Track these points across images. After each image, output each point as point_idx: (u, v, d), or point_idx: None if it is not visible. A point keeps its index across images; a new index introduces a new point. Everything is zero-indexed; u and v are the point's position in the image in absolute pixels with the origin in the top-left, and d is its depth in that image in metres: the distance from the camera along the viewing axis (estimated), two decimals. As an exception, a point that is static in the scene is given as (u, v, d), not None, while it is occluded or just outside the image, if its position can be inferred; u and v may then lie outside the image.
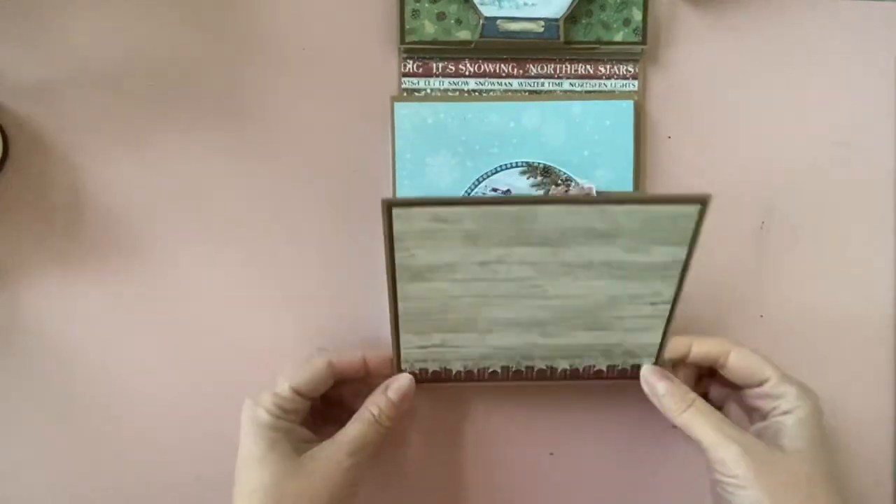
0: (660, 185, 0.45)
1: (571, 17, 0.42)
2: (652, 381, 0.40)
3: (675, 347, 0.41)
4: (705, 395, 0.42)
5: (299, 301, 0.45)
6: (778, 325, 0.46)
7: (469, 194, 0.43)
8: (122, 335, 0.45)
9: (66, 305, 0.44)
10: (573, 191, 0.43)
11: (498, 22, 0.42)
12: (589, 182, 0.43)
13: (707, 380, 0.43)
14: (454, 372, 0.41)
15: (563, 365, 0.41)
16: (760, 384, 0.40)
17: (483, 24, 0.42)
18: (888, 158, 0.46)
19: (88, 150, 0.44)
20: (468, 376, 0.41)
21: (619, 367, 0.41)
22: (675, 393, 0.39)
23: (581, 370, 0.41)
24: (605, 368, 0.41)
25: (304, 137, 0.45)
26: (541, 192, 0.43)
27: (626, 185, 0.44)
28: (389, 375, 0.41)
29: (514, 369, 0.41)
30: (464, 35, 0.43)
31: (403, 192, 0.43)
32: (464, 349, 0.40)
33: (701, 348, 0.40)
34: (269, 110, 0.44)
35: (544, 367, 0.41)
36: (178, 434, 0.45)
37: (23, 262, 0.44)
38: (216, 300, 0.45)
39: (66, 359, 0.45)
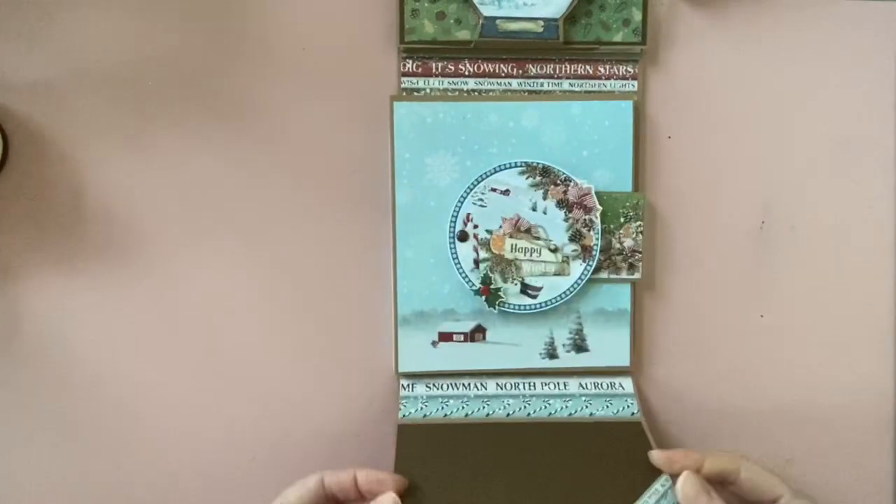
0: (660, 185, 0.45)
1: (571, 18, 0.42)
2: (691, 492, 0.38)
3: (687, 463, 0.40)
4: None
5: (299, 298, 0.45)
6: (778, 325, 0.46)
7: (468, 194, 0.43)
8: (121, 334, 0.45)
9: (66, 305, 0.44)
10: (571, 191, 0.43)
11: (497, 22, 0.42)
12: (588, 183, 0.43)
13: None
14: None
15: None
16: (774, 502, 0.39)
17: (482, 24, 0.42)
18: (888, 158, 0.46)
19: (88, 150, 0.44)
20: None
21: None
22: None
23: None
24: None
25: (304, 136, 0.45)
26: (539, 192, 0.43)
27: (625, 186, 0.44)
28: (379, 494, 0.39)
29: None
30: (463, 35, 0.43)
31: (403, 191, 0.44)
32: None
33: (713, 465, 0.40)
34: (269, 110, 0.44)
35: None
36: (179, 434, 0.45)
37: (23, 261, 0.44)
38: (215, 299, 0.45)
39: (66, 358, 0.45)
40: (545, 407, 0.45)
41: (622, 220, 0.43)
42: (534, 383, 0.45)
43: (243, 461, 0.46)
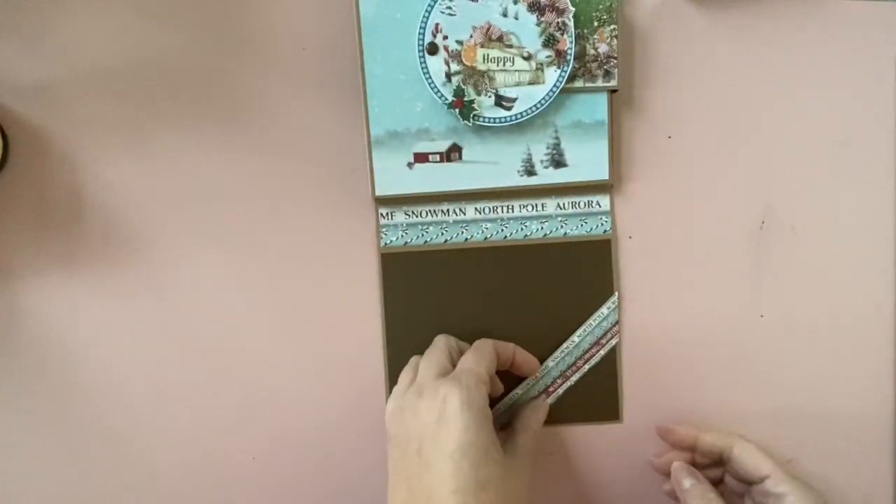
0: (660, 185, 0.45)
1: None
2: (679, 477, 0.42)
3: (681, 438, 0.44)
4: (721, 482, 0.45)
5: (299, 299, 0.45)
6: (778, 325, 0.46)
7: (436, 2, 0.41)
8: (122, 335, 0.45)
9: (66, 305, 0.44)
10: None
11: None
12: None
13: (725, 468, 0.45)
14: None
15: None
16: (762, 481, 0.41)
17: None
18: (888, 158, 0.45)
19: (88, 150, 0.43)
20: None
21: None
22: (697, 493, 0.41)
23: None
24: None
25: (304, 137, 0.44)
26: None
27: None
28: (528, 371, 0.45)
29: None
30: None
31: (367, 3, 0.41)
32: None
33: (706, 440, 0.43)
34: (269, 110, 0.44)
35: None
36: (178, 435, 0.46)
37: (23, 262, 0.44)
38: (215, 299, 0.45)
39: (67, 359, 0.45)
40: (522, 229, 0.45)
41: (595, 23, 0.42)
42: (512, 206, 0.45)
43: (244, 460, 0.47)
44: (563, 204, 0.45)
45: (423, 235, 0.45)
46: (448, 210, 0.45)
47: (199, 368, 0.46)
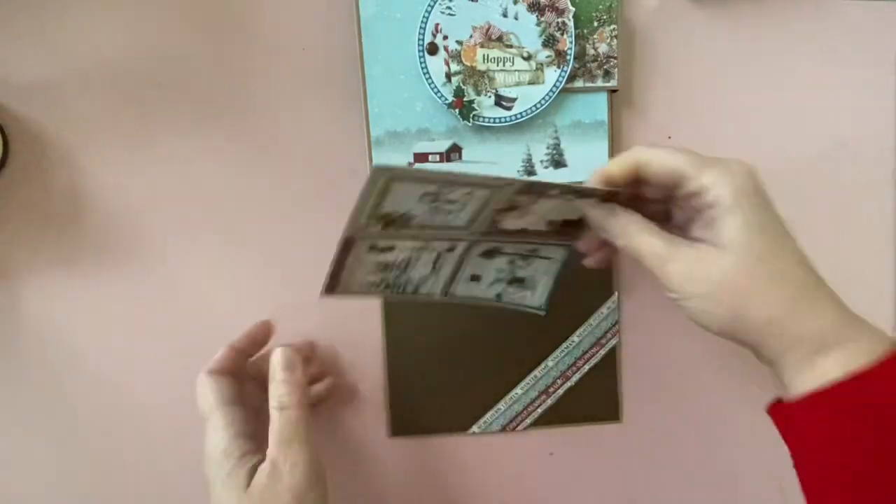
0: None
1: None
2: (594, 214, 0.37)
3: (595, 179, 0.36)
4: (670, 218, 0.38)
5: (299, 299, 0.45)
6: None
7: (435, 2, 0.41)
8: (121, 334, 0.45)
9: (65, 305, 0.44)
10: None
11: None
12: None
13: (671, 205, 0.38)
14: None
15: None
16: (680, 182, 0.35)
17: None
18: (888, 158, 0.45)
19: (89, 151, 0.43)
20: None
21: None
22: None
23: None
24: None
25: (304, 137, 0.44)
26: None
27: None
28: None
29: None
30: None
31: (367, 4, 0.41)
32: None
33: (613, 169, 0.35)
34: (269, 110, 0.44)
35: None
36: (177, 434, 0.46)
37: (23, 262, 0.44)
38: (215, 299, 0.45)
39: (66, 358, 0.45)
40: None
41: (595, 23, 0.42)
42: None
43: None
44: (563, 204, 0.45)
45: (422, 235, 0.45)
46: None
47: (199, 368, 0.45)
